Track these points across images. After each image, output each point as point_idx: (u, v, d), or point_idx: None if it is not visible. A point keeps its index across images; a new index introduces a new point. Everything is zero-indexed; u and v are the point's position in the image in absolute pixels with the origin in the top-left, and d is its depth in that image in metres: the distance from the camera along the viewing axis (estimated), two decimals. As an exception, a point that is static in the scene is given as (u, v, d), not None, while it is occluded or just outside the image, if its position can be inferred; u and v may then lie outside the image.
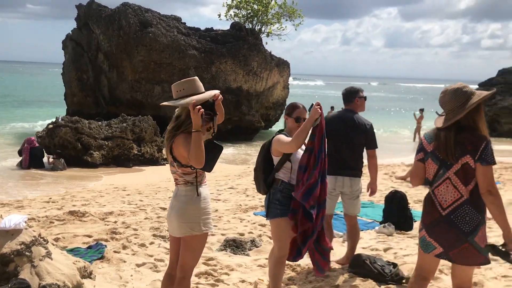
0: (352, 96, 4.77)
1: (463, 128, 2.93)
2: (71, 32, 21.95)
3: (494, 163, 2.88)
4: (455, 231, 2.93)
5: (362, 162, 4.75)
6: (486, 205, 2.91)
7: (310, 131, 3.61)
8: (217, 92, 3.21)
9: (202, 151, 2.97)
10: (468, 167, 2.90)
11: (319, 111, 3.56)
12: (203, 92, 3.20)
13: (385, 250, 5.50)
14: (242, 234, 6.05)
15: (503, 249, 2.93)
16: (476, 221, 2.91)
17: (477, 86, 28.02)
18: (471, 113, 2.93)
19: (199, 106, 2.97)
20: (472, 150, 2.88)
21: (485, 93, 2.98)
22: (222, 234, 6.00)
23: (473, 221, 2.91)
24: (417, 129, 20.84)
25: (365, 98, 4.83)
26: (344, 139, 4.64)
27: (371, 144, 4.68)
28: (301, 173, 3.63)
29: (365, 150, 4.72)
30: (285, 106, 4.10)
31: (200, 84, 3.24)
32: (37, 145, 12.66)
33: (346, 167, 4.65)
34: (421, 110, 21.19)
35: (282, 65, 23.12)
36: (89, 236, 5.70)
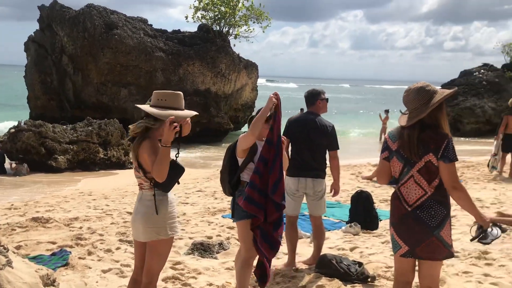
0: (314, 99, 4.82)
1: (426, 127, 3.00)
2: (33, 34, 21.41)
3: (456, 159, 2.97)
4: (421, 226, 3.00)
5: (325, 163, 4.81)
6: (454, 200, 3.00)
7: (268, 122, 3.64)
8: (192, 114, 3.24)
9: (167, 166, 2.99)
10: (431, 165, 2.97)
11: (274, 100, 3.59)
12: (183, 110, 3.21)
13: (352, 249, 5.59)
14: (210, 237, 6.03)
15: (484, 233, 3.07)
16: (441, 215, 3.00)
17: (440, 87, 28.78)
18: (434, 112, 2.99)
19: (176, 124, 2.97)
20: (434, 148, 2.95)
21: (447, 91, 3.06)
22: (190, 238, 5.97)
23: (439, 216, 2.99)
24: (383, 130, 21.26)
25: (327, 100, 4.88)
26: (306, 141, 4.70)
27: (333, 145, 4.75)
28: (261, 164, 3.63)
29: (327, 151, 4.79)
30: (254, 108, 4.15)
31: (183, 101, 3.24)
32: None
33: (309, 169, 4.71)
34: (386, 111, 21.62)
35: (250, 67, 23.18)
36: (53, 243, 5.58)
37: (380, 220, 6.76)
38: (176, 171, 3.20)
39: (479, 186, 9.84)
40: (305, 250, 5.49)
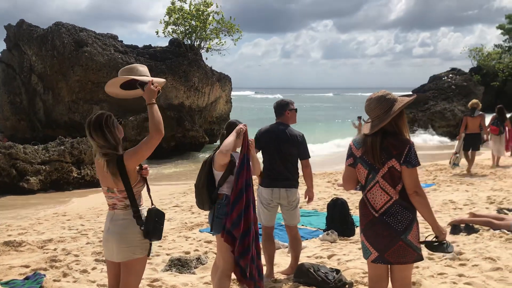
0: (283, 109, 4.88)
1: (387, 134, 3.08)
2: (0, 54, 21.03)
3: (418, 164, 3.06)
4: (388, 231, 3.05)
5: (297, 173, 4.85)
6: (414, 204, 3.07)
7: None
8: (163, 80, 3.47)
9: (161, 120, 3.13)
10: (394, 170, 3.04)
11: (242, 127, 3.90)
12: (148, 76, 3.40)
13: (329, 257, 5.63)
14: (187, 253, 5.99)
15: (436, 243, 3.12)
16: (408, 219, 3.06)
17: (411, 93, 29.37)
18: (395, 119, 3.09)
19: (156, 84, 3.25)
20: (397, 154, 3.03)
21: (406, 99, 3.15)
22: (167, 254, 5.92)
23: (405, 220, 3.05)
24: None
25: (295, 110, 4.95)
26: (277, 151, 4.75)
27: (304, 154, 4.80)
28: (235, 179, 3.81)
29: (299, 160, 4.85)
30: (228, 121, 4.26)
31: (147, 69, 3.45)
32: None
33: (281, 179, 4.75)
34: (359, 118, 21.94)
35: (223, 80, 23.22)
36: (27, 267, 5.45)
37: (357, 226, 6.82)
38: (159, 215, 3.26)
39: (451, 188, 10.06)
40: (283, 260, 5.50)
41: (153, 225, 3.18)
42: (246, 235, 3.76)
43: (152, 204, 3.31)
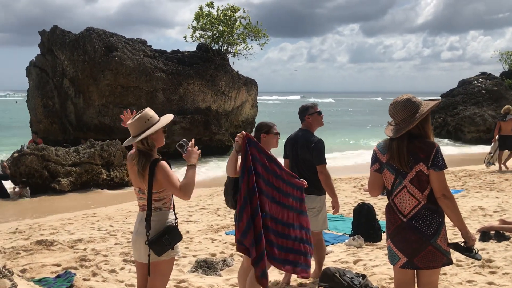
0: (303, 114, 4.87)
1: (413, 137, 3.07)
2: (34, 59, 21.66)
3: (446, 167, 3.04)
4: (418, 236, 3.03)
5: (318, 180, 4.73)
6: (442, 208, 3.04)
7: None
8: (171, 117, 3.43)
9: (194, 185, 3.21)
10: (422, 174, 3.02)
11: (237, 140, 3.79)
12: (159, 120, 3.34)
13: (355, 262, 5.60)
14: (213, 255, 6.05)
15: (465, 246, 3.09)
16: (436, 223, 3.04)
17: (439, 97, 28.88)
18: (421, 122, 3.07)
19: (197, 147, 3.32)
20: (424, 157, 3.01)
21: (432, 103, 3.14)
22: (194, 256, 5.99)
23: (434, 224, 3.03)
24: None
25: (318, 113, 4.85)
26: (296, 158, 4.79)
27: (317, 159, 4.68)
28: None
29: None
30: (255, 124, 4.23)
31: (153, 113, 3.36)
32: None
33: None
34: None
35: (249, 84, 23.35)
36: (58, 265, 5.60)
37: (383, 232, 6.77)
38: (172, 238, 3.23)
39: (481, 194, 9.85)
40: (308, 264, 5.49)
41: (158, 238, 3.17)
42: (257, 242, 3.67)
43: (176, 219, 3.34)
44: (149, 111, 3.33)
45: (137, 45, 20.60)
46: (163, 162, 3.21)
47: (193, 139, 3.38)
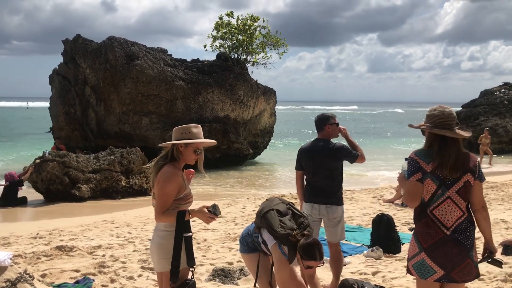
0: (323, 124, 4.75)
1: (459, 147, 3.02)
2: (57, 67, 22.09)
3: (485, 179, 3.05)
4: (459, 248, 2.95)
5: (340, 190, 4.73)
6: (478, 220, 3.01)
7: None
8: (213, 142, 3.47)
9: (168, 220, 3.20)
10: (468, 185, 2.98)
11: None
12: (197, 139, 3.34)
13: (374, 273, 5.53)
14: (231, 263, 6.04)
15: (495, 258, 3.10)
16: (473, 236, 3.01)
17: (460, 108, 28.51)
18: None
19: (213, 216, 3.23)
20: (472, 167, 2.98)
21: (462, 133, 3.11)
22: (211, 264, 6.00)
23: (472, 236, 3.00)
24: None
25: (337, 124, 4.80)
26: (319, 168, 4.66)
27: (351, 157, 4.67)
28: None
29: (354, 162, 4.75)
30: (273, 133, 4.22)
31: (198, 131, 3.37)
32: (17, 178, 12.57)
33: (321, 195, 4.67)
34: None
35: (268, 93, 23.39)
36: (77, 271, 5.66)
37: (403, 243, 6.68)
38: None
39: (503, 207, 9.66)
40: (326, 274, 5.45)
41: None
42: None
43: (191, 233, 3.32)
44: (194, 127, 3.33)
45: (158, 54, 20.85)
46: (169, 168, 3.18)
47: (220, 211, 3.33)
